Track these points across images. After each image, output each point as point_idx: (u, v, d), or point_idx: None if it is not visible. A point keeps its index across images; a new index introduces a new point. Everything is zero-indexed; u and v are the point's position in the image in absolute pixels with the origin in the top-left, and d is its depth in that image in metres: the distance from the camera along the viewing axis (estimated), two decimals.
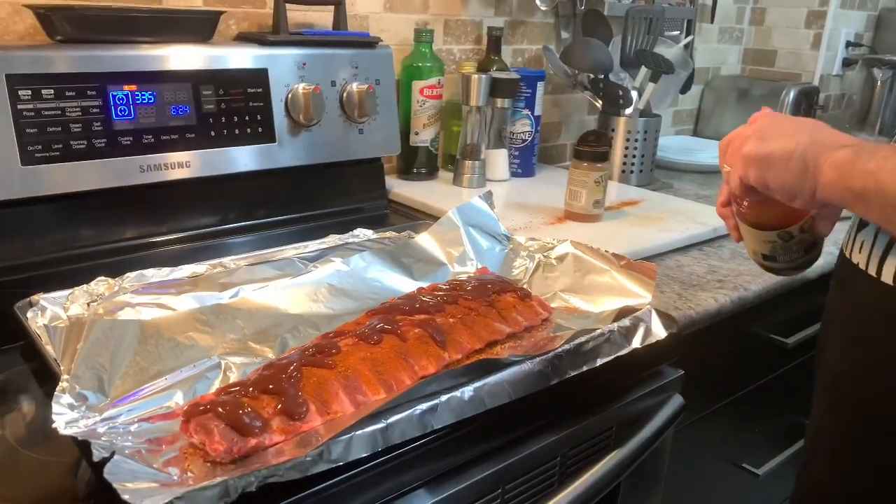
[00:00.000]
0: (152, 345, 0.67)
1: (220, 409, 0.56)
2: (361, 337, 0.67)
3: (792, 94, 1.87)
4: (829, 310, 0.81)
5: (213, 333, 0.71)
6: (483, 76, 1.27)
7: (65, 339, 0.63)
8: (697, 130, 2.10)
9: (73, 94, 0.89)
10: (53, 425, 0.53)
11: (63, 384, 0.57)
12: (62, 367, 0.60)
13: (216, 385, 0.64)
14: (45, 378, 0.64)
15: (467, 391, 0.61)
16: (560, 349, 0.69)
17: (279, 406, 0.57)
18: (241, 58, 1.03)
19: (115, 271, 0.80)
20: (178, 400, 0.61)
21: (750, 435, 1.22)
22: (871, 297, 0.71)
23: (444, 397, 0.60)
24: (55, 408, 0.55)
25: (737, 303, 0.95)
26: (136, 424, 0.57)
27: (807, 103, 1.92)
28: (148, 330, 0.69)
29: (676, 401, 0.84)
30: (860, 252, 0.72)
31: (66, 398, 0.56)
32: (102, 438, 0.54)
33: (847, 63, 2.08)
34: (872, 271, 0.70)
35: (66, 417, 0.54)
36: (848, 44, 2.06)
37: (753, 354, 1.12)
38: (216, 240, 1.04)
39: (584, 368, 0.71)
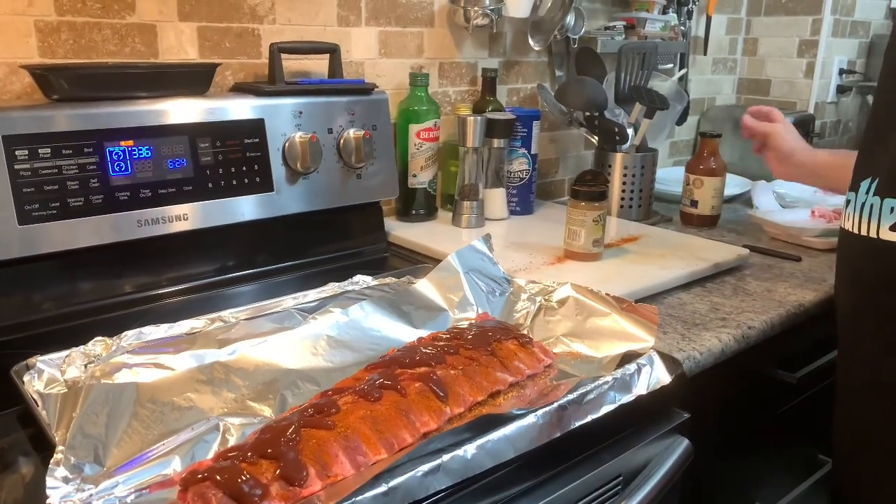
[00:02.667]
0: (150, 408, 0.66)
1: (217, 477, 0.55)
2: (361, 394, 0.66)
3: None
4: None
5: (212, 393, 0.70)
6: (479, 118, 1.28)
7: (60, 407, 0.63)
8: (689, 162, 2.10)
9: (70, 151, 0.90)
10: (48, 501, 0.52)
11: (58, 455, 0.56)
12: (57, 437, 0.59)
13: (214, 449, 0.63)
14: (42, 446, 0.63)
15: (470, 449, 0.60)
16: (563, 400, 0.68)
17: (278, 471, 0.56)
18: (238, 109, 1.04)
19: (115, 327, 0.80)
20: (177, 466, 0.60)
21: (762, 472, 1.20)
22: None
23: (445, 457, 0.59)
24: (49, 481, 0.54)
25: (741, 342, 0.94)
26: (133, 495, 0.56)
27: (803, 131, 1.92)
28: (145, 393, 0.68)
29: (683, 445, 0.83)
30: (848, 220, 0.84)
31: (61, 470, 0.55)
32: None
33: (841, 90, 2.10)
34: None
35: (60, 491, 0.53)
36: (841, 71, 2.08)
37: (760, 392, 1.10)
38: (216, 290, 1.04)
39: (589, 419, 0.70)
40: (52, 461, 0.55)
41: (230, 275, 1.07)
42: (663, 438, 0.81)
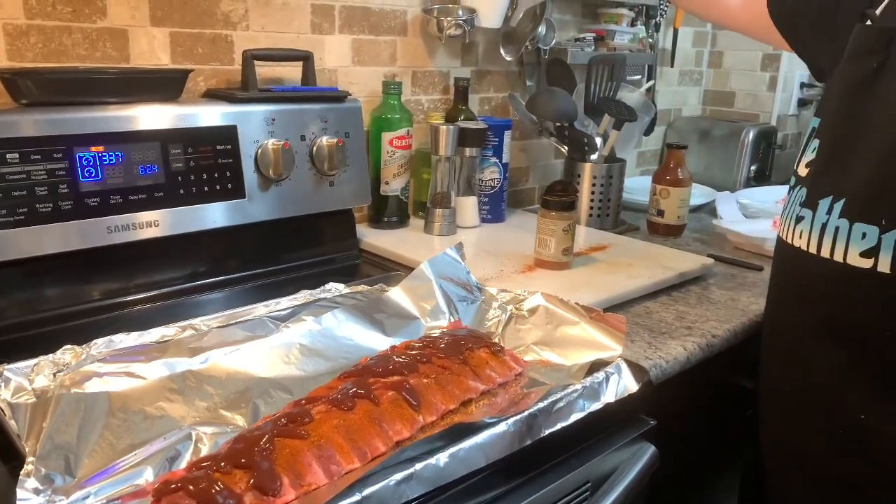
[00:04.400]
0: (121, 417, 0.66)
1: (191, 487, 0.55)
2: (334, 403, 0.67)
3: (751, 135, 1.93)
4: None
5: (184, 402, 0.70)
6: (451, 127, 1.29)
7: (30, 417, 0.62)
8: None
9: (39, 157, 0.89)
10: None
11: (28, 467, 0.55)
12: (27, 448, 0.58)
13: (187, 459, 0.63)
14: (10, 456, 0.62)
15: (442, 458, 0.61)
16: (534, 408, 0.69)
17: (252, 481, 0.57)
18: (210, 115, 1.04)
19: (84, 334, 0.79)
20: (149, 476, 0.60)
21: (721, 479, 1.23)
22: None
23: (418, 465, 0.59)
24: (20, 493, 0.53)
25: (705, 350, 0.96)
26: None
27: (766, 143, 1.98)
28: (116, 402, 0.67)
29: (650, 451, 0.85)
30: (800, 237, 0.81)
31: (32, 482, 0.55)
32: None
33: (802, 103, 2.16)
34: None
35: (31, 503, 0.53)
36: (802, 85, 2.14)
37: (723, 398, 1.13)
38: (187, 297, 1.03)
39: (559, 426, 0.71)
40: (22, 472, 0.55)
41: (201, 281, 1.06)
42: (630, 445, 0.83)
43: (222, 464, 0.58)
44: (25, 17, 0.95)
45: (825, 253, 0.77)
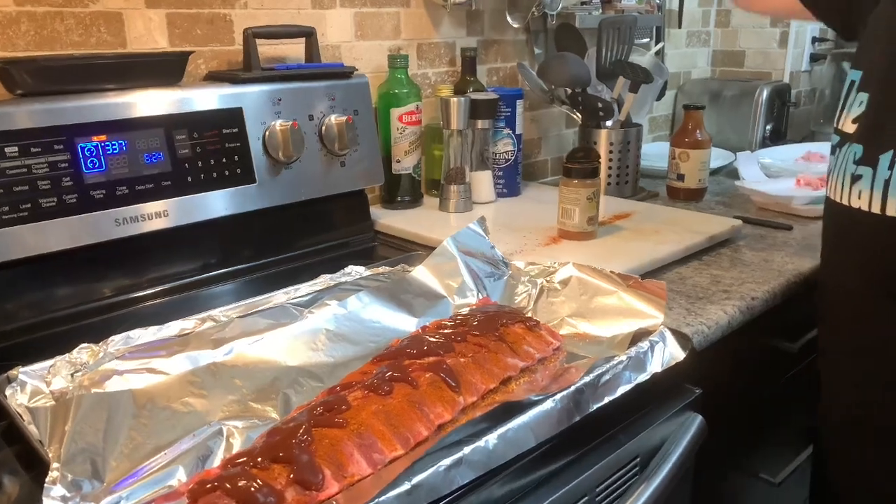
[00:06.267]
0: (147, 416, 0.62)
1: (228, 486, 0.51)
2: (371, 388, 0.63)
3: (765, 93, 1.88)
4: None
5: (211, 396, 0.67)
6: (462, 99, 1.24)
7: (51, 420, 0.58)
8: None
9: (39, 149, 0.84)
10: None
11: (53, 473, 0.52)
12: (51, 454, 0.54)
13: (220, 456, 0.59)
14: (33, 463, 0.59)
15: (491, 440, 0.58)
16: (580, 383, 0.65)
17: (292, 475, 0.53)
18: (214, 98, 0.99)
19: (98, 332, 0.75)
20: (182, 476, 0.56)
21: (764, 445, 1.19)
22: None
23: (467, 449, 0.56)
24: (46, 502, 0.50)
25: (745, 313, 0.92)
26: None
27: (780, 101, 1.93)
28: (140, 399, 0.64)
29: (697, 421, 0.81)
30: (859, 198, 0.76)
31: (59, 489, 0.51)
32: None
33: (815, 58, 2.10)
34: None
35: None
36: (814, 39, 2.08)
37: (763, 362, 1.09)
38: (202, 289, 1.00)
39: (606, 400, 0.67)
40: (47, 480, 0.51)
41: (215, 272, 1.02)
42: (677, 416, 0.80)
43: (259, 459, 0.54)
44: (15, 4, 0.91)
45: (891, 211, 0.72)
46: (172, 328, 0.79)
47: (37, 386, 0.67)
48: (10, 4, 0.90)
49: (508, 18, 1.45)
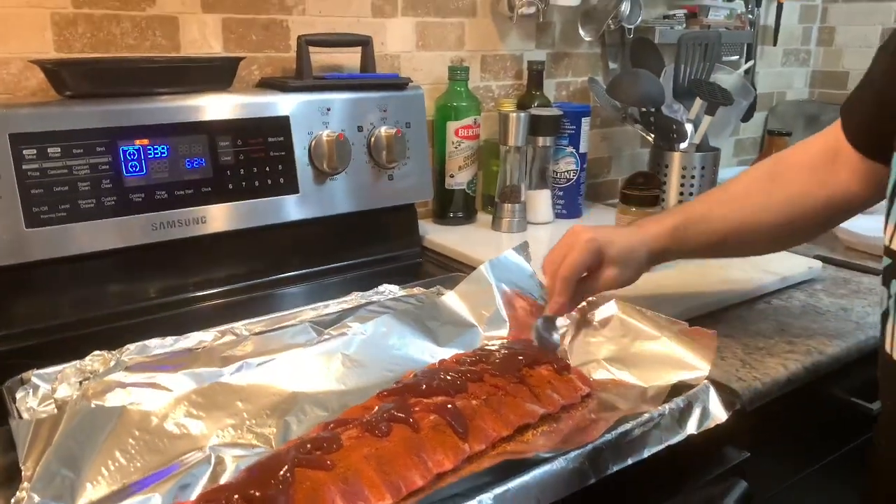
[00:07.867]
0: (137, 437, 0.60)
1: None
2: (367, 427, 0.58)
3: None
4: None
5: (208, 418, 0.64)
6: (522, 114, 1.19)
7: (31, 436, 0.56)
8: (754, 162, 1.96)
9: (81, 151, 0.85)
10: None
11: (20, 494, 0.50)
12: (24, 472, 0.53)
13: (201, 486, 0.56)
14: (14, 476, 0.57)
15: (485, 500, 0.52)
16: (600, 441, 0.59)
17: None
18: (260, 105, 0.98)
19: (123, 338, 0.75)
20: None
21: None
22: None
23: None
24: None
25: (810, 370, 0.82)
26: None
27: None
28: (134, 417, 0.62)
29: (741, 488, 0.73)
30: None
31: None
32: None
33: None
34: None
35: None
36: None
37: (830, 423, 0.98)
38: (233, 298, 0.98)
39: (629, 462, 0.61)
40: (13, 500, 0.49)
41: (250, 282, 1.01)
42: (718, 482, 0.71)
43: (235, 497, 0.51)
44: (73, 7, 0.92)
45: None
46: (191, 339, 0.78)
47: (48, 390, 0.67)
48: (67, 6, 0.92)
49: (581, 31, 1.38)
